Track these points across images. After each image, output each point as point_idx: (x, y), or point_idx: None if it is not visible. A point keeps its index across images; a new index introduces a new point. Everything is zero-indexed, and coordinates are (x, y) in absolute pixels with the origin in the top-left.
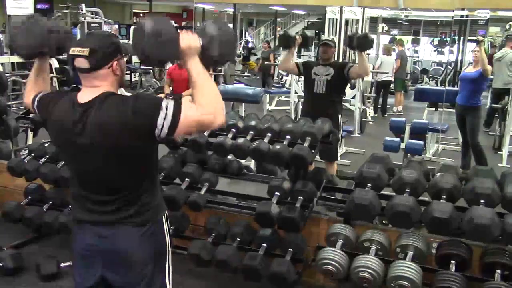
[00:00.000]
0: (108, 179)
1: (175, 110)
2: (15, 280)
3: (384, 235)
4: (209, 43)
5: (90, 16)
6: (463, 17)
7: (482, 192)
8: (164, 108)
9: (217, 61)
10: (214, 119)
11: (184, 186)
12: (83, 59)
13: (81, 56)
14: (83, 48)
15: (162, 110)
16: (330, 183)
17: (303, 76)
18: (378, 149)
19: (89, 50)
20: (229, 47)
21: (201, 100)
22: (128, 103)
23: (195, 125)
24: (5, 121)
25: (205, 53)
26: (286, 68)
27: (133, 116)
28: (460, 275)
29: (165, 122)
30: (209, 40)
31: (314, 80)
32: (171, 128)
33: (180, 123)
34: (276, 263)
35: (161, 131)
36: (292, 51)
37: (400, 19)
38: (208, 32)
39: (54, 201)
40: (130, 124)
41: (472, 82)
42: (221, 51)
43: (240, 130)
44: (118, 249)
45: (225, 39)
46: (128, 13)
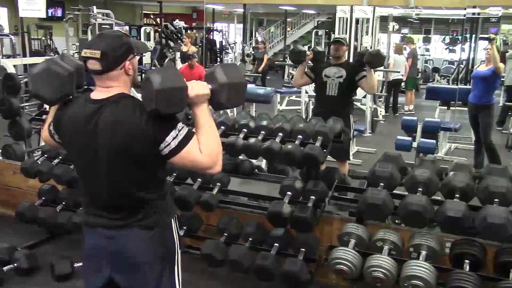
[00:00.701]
0: (115, 179)
1: (185, 138)
2: (29, 280)
3: (397, 234)
4: (218, 89)
5: (101, 18)
6: (475, 15)
7: (496, 190)
8: (177, 129)
9: (226, 106)
10: (211, 168)
11: (196, 186)
12: (95, 61)
13: (93, 58)
14: (95, 50)
15: (176, 130)
16: (342, 183)
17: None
18: (390, 148)
19: (101, 52)
20: (238, 94)
21: (204, 146)
22: (144, 109)
23: (191, 164)
24: (18, 122)
25: (214, 99)
26: (300, 84)
27: (148, 123)
28: (474, 275)
29: (173, 142)
30: (218, 87)
31: (326, 82)
32: (174, 150)
33: (182, 152)
34: (288, 263)
35: (165, 147)
36: (304, 66)
37: (410, 17)
38: (217, 78)
39: (67, 201)
40: (141, 129)
41: (485, 80)
42: (230, 98)
43: (252, 130)
44: (126, 251)
45: (234, 86)
46: (138, 14)
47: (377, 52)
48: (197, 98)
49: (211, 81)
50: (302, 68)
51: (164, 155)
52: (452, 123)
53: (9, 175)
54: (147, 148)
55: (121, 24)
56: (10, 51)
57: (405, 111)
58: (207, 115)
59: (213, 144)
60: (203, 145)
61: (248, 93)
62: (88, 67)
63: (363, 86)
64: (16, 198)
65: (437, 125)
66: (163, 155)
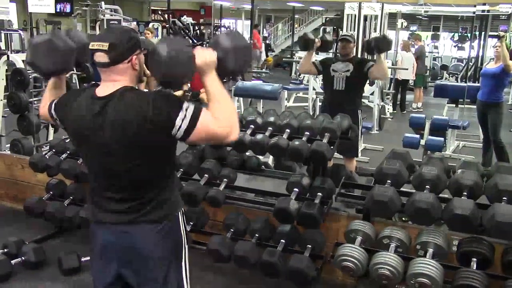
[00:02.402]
0: (125, 175)
1: (195, 114)
2: (37, 274)
3: (404, 232)
4: (224, 55)
5: (109, 14)
6: (484, 12)
7: (504, 189)
8: (184, 109)
9: (234, 72)
10: (229, 134)
11: (203, 182)
12: (102, 54)
13: (101, 50)
14: (103, 42)
15: (182, 110)
16: (349, 180)
17: (322, 74)
18: (397, 145)
19: (109, 44)
20: (244, 58)
21: (218, 114)
22: (148, 99)
23: (209, 135)
24: (27, 117)
25: (221, 66)
26: (305, 71)
27: (153, 112)
28: (481, 273)
29: (183, 123)
30: (224, 53)
31: (333, 77)
32: (187, 130)
33: (197, 128)
34: (295, 259)
35: (178, 131)
36: (310, 54)
37: (419, 14)
38: (222, 44)
39: (74, 196)
40: (149, 120)
41: (494, 78)
42: (237, 62)
43: (259, 126)
44: (134, 246)
45: (240, 50)
46: (146, 10)
47: (383, 36)
48: (205, 65)
49: (216, 49)
50: (309, 55)
51: (180, 137)
52: (460, 121)
53: (18, 170)
54: (157, 137)
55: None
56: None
57: (413, 109)
58: (217, 83)
59: (226, 112)
60: (217, 113)
61: (256, 89)
62: (95, 59)
63: (374, 73)
64: (24, 193)
65: (445, 123)
66: (178, 138)
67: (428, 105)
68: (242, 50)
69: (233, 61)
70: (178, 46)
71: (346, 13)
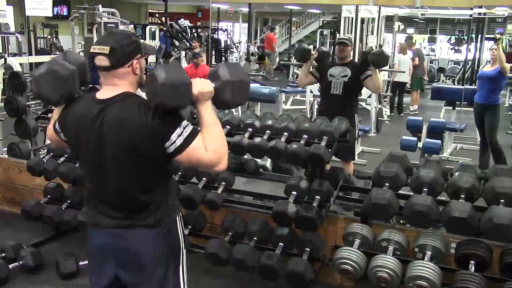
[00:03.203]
0: (122, 178)
1: (190, 135)
2: (34, 278)
3: (402, 234)
4: (222, 87)
5: (107, 17)
6: (481, 15)
7: (501, 191)
8: (182, 127)
9: (230, 105)
10: (216, 164)
11: (201, 185)
12: (103, 57)
13: (102, 54)
14: (104, 46)
15: (180, 127)
16: (347, 183)
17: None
18: (395, 148)
19: (110, 48)
20: (242, 92)
21: (209, 145)
22: (150, 107)
23: (196, 162)
24: (24, 121)
25: (218, 97)
26: (306, 84)
27: (152, 121)
28: (479, 275)
29: (178, 140)
30: (222, 85)
31: (331, 82)
32: (179, 148)
33: (188, 149)
34: (293, 262)
35: (170, 145)
36: (308, 65)
37: (416, 17)
38: (220, 76)
39: (72, 199)
40: (147, 127)
41: (490, 81)
42: (234, 95)
43: (257, 129)
44: (132, 250)
45: (238, 83)
46: (143, 13)
47: (380, 52)
48: (201, 95)
49: (214, 79)
50: (307, 67)
51: (170, 153)
52: (457, 123)
53: (15, 173)
54: (153, 146)
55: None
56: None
57: (410, 111)
58: (211, 112)
59: (218, 142)
60: (208, 142)
61: (253, 92)
62: (96, 63)
63: (369, 86)
64: (22, 196)
65: (442, 125)
66: (169, 153)
67: (425, 108)
68: (241, 84)
69: (230, 94)
70: (176, 74)
71: (343, 16)
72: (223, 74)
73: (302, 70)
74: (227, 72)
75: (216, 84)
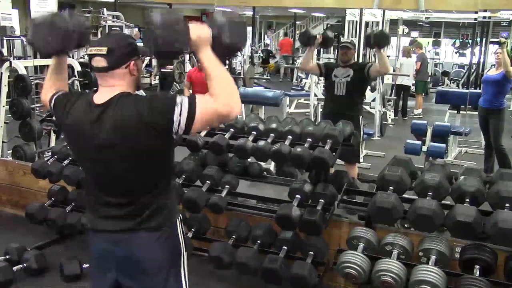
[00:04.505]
0: (124, 180)
1: (191, 104)
2: (38, 281)
3: (406, 238)
4: (220, 31)
5: (111, 20)
6: (486, 19)
7: (507, 195)
8: (179, 104)
9: (229, 49)
10: (231, 110)
11: (205, 188)
12: (101, 58)
13: (99, 55)
14: (101, 47)
15: (177, 106)
16: (351, 186)
17: (324, 77)
18: (399, 152)
19: (107, 49)
20: (240, 34)
21: (217, 91)
22: (144, 101)
23: (213, 118)
24: (29, 123)
25: (216, 42)
26: (306, 68)
27: (150, 113)
28: (484, 280)
29: (182, 117)
30: (219, 29)
31: (334, 82)
32: (188, 122)
33: (197, 116)
34: (297, 266)
35: (178, 127)
36: (311, 50)
37: (420, 21)
38: (217, 20)
39: (76, 202)
40: (147, 122)
41: (495, 84)
42: (232, 38)
43: (261, 132)
44: (133, 255)
45: (235, 26)
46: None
47: (380, 32)
48: (199, 39)
49: (211, 25)
50: (310, 52)
51: (183, 131)
52: (462, 127)
53: (20, 176)
54: (158, 139)
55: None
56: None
57: (415, 115)
58: (213, 59)
59: (226, 88)
60: (216, 90)
61: (257, 95)
62: (93, 64)
63: (376, 69)
64: (26, 199)
65: (447, 129)
66: (181, 133)
67: (430, 111)
68: (237, 25)
69: (228, 37)
70: (173, 18)
71: (347, 20)
72: (220, 18)
73: (306, 54)
74: (223, 16)
75: (214, 29)
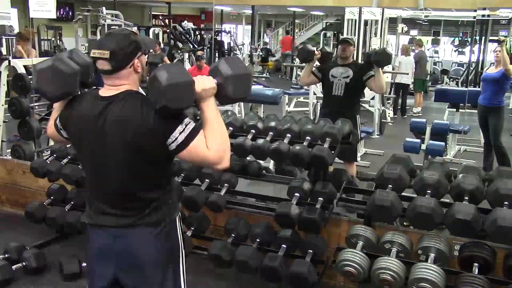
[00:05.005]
0: (123, 176)
1: (192, 132)
2: (38, 279)
3: (405, 236)
4: (224, 83)
5: (110, 19)
6: (485, 17)
7: (506, 193)
8: (184, 124)
9: (233, 100)
10: (219, 162)
11: (204, 187)
12: (104, 62)
13: (103, 59)
14: (104, 50)
15: (182, 124)
16: (350, 184)
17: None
18: (398, 150)
19: (110, 53)
20: (244, 86)
21: (211, 142)
22: (151, 105)
23: (198, 160)
24: (28, 122)
25: (220, 93)
26: (307, 83)
27: (155, 118)
28: (483, 278)
29: (180, 137)
30: (224, 80)
31: (333, 82)
32: (181, 145)
33: (190, 147)
34: (296, 264)
35: (172, 142)
36: (311, 66)
37: (419, 19)
38: (221, 71)
39: (76, 201)
40: (149, 125)
41: (495, 83)
42: (237, 89)
43: (260, 131)
44: (132, 250)
45: (240, 78)
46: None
47: (383, 50)
48: (204, 92)
49: (216, 75)
50: (309, 67)
51: (172, 150)
52: (461, 125)
53: (19, 175)
54: (156, 144)
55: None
56: None
57: (414, 113)
58: (214, 110)
59: (220, 139)
60: (211, 140)
61: (256, 94)
62: (97, 67)
63: (372, 86)
64: (25, 198)
65: (446, 127)
66: (171, 150)
67: (429, 110)
68: (242, 77)
69: (232, 89)
70: (178, 74)
71: (346, 18)
72: (224, 69)
73: (305, 70)
74: (228, 67)
75: (218, 79)
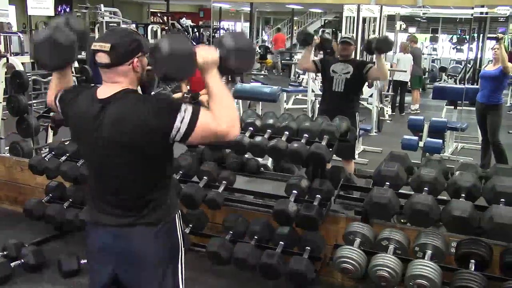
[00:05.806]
0: (123, 176)
1: (193, 115)
2: (36, 277)
3: (402, 233)
4: (227, 55)
5: (109, 16)
6: (483, 14)
7: (502, 190)
8: (182, 112)
9: (236, 72)
10: (229, 131)
11: (202, 184)
12: (104, 54)
13: (103, 51)
14: (105, 43)
15: (180, 113)
16: (348, 182)
17: (320, 73)
18: (396, 147)
19: (111, 45)
20: (247, 58)
21: (218, 112)
22: (148, 102)
23: (209, 134)
24: (26, 119)
25: (223, 65)
26: (304, 67)
27: (152, 116)
28: (479, 275)
29: (182, 125)
30: (227, 52)
31: (333, 78)
32: (187, 131)
33: (196, 129)
34: (294, 261)
35: (176, 134)
36: (309, 49)
37: (418, 16)
38: (225, 43)
39: (74, 198)
40: (148, 124)
41: (493, 80)
42: (239, 62)
43: (258, 128)
44: (131, 248)
45: (243, 50)
46: (145, 12)
47: (384, 37)
48: (206, 64)
49: (219, 47)
50: (307, 51)
51: (180, 139)
52: (459, 122)
53: (17, 172)
54: (157, 142)
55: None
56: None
57: (412, 111)
58: (218, 81)
59: (227, 110)
60: (217, 112)
61: (255, 91)
62: (97, 60)
63: (374, 74)
64: (24, 195)
65: (443, 124)
66: (178, 140)
67: (427, 107)
68: (246, 50)
69: (236, 61)
70: (180, 43)
71: (345, 15)
72: (228, 42)
73: (303, 53)
74: (232, 40)
75: (221, 52)
